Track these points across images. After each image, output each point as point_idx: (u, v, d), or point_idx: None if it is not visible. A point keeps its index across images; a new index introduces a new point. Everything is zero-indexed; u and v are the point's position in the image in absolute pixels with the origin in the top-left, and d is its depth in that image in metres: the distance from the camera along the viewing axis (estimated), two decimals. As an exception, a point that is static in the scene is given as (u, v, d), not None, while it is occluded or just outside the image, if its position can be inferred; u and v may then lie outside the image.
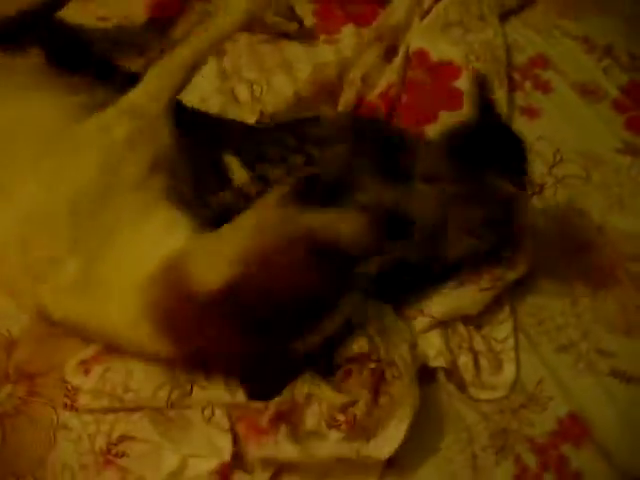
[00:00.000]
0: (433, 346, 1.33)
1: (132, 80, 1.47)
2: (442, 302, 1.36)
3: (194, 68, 1.42)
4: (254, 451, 1.21)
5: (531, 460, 1.26)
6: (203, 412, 1.27)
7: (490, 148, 1.26)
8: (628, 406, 1.33)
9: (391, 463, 1.21)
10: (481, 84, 1.29)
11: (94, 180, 1.24)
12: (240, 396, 1.25)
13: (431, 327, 1.35)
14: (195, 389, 1.27)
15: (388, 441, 1.18)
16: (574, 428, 1.30)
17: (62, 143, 1.28)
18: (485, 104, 1.28)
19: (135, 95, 1.37)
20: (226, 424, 1.25)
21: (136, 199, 1.26)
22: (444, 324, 1.36)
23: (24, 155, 1.26)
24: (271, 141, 1.45)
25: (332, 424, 1.19)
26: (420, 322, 1.34)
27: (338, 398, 1.21)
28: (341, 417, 1.19)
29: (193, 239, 1.22)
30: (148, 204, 1.27)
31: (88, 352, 1.33)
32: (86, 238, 1.20)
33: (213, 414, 1.27)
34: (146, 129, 1.32)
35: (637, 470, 1.26)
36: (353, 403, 1.20)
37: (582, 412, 1.32)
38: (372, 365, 1.24)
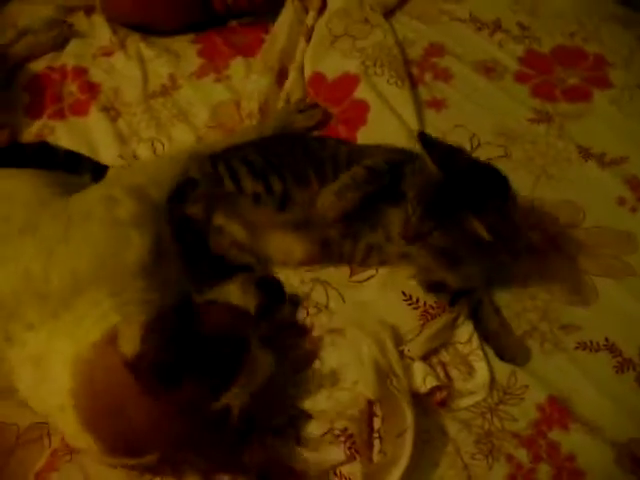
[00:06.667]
0: (418, 373, 1.29)
1: (97, 169, 1.59)
2: (416, 344, 1.34)
3: None
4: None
5: (522, 455, 1.23)
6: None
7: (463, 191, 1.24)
8: (603, 375, 1.31)
9: (386, 495, 1.17)
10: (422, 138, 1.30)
11: (96, 255, 1.21)
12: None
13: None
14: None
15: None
16: (556, 411, 1.27)
17: (62, 210, 1.28)
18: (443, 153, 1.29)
19: (141, 178, 1.40)
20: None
21: (134, 286, 1.23)
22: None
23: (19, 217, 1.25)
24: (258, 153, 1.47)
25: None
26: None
27: None
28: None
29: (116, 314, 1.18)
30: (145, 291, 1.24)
31: (41, 462, 1.26)
32: (62, 310, 1.16)
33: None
34: (149, 214, 1.31)
35: (626, 435, 1.24)
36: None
37: (560, 393, 1.29)
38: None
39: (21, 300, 1.17)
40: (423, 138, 1.29)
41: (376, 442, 1.22)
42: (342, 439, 1.20)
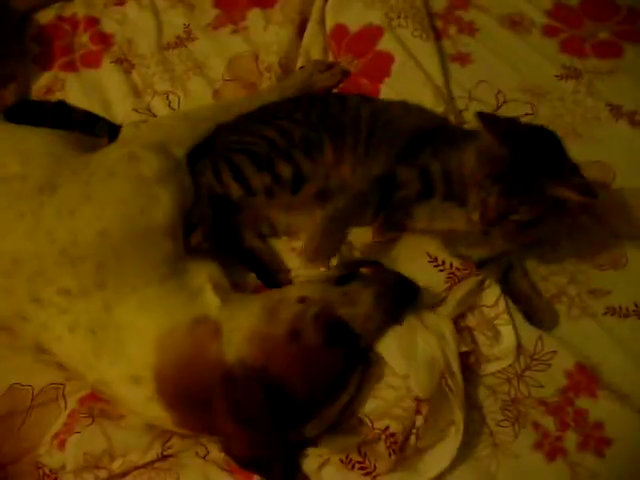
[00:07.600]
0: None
1: (114, 131, 1.53)
2: (444, 308, 1.30)
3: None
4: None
5: (549, 422, 1.20)
6: (197, 453, 1.19)
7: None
8: (632, 341, 1.28)
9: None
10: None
11: (124, 214, 1.19)
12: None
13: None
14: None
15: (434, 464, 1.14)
16: (584, 378, 1.24)
17: (82, 168, 1.25)
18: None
19: (160, 136, 1.36)
20: (223, 462, 1.17)
21: (165, 247, 1.21)
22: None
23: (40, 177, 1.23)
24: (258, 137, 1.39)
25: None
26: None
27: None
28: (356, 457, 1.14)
29: (222, 310, 1.18)
30: (177, 256, 1.23)
31: (58, 424, 1.25)
32: (108, 278, 1.14)
33: (208, 452, 1.19)
34: (173, 171, 1.28)
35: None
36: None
37: (588, 360, 1.26)
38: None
39: (47, 262, 1.14)
40: (482, 117, 1.21)
41: (412, 437, 1.15)
42: (382, 437, 1.15)
